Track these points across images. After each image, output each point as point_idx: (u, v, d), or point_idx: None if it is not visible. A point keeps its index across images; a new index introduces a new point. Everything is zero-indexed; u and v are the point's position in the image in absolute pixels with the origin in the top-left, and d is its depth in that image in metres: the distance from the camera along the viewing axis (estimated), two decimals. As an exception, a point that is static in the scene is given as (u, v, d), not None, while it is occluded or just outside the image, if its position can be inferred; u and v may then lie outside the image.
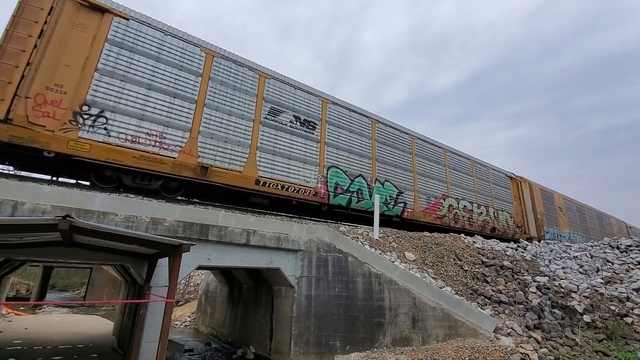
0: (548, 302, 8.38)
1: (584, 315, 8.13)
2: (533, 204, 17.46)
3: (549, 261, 11.46)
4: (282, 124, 9.40)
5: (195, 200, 8.77)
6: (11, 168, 7.13)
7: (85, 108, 6.67)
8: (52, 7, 6.62)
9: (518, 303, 8.30)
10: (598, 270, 10.59)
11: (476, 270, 9.49)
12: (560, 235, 18.05)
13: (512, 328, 7.39)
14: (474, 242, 11.70)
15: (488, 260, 10.19)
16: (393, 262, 8.09)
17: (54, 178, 7.34)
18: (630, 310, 8.29)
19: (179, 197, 8.18)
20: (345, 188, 10.27)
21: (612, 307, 8.47)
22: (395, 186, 11.76)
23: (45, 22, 6.51)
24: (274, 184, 8.74)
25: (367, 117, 11.75)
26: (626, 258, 11.05)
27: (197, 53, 8.40)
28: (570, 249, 12.72)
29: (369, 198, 10.71)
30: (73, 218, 3.91)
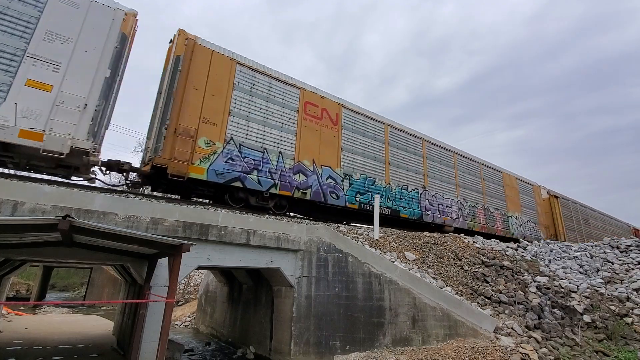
0: (548, 302, 8.37)
1: (584, 315, 8.13)
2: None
3: (549, 261, 11.45)
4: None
5: (195, 200, 8.77)
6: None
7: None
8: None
9: (518, 303, 8.29)
10: (598, 270, 10.58)
11: (476, 270, 9.48)
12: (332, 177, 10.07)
13: (512, 328, 7.39)
14: (474, 242, 11.71)
15: (488, 260, 10.18)
16: (393, 262, 8.08)
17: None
18: (630, 310, 8.28)
19: (179, 197, 8.19)
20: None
21: (612, 307, 8.46)
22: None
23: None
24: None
25: None
26: (626, 258, 11.05)
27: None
28: (570, 249, 12.72)
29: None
30: (73, 218, 3.91)
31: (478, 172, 15.60)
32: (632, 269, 10.27)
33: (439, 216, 12.87)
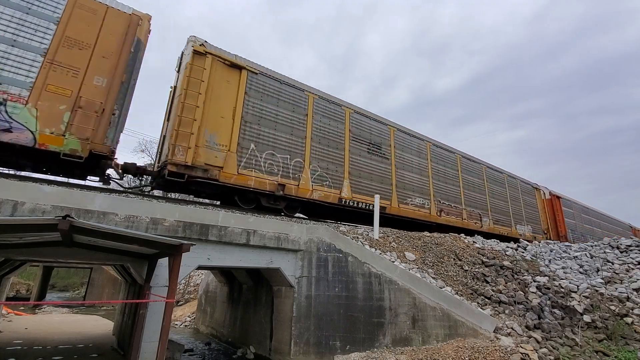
0: (548, 302, 8.37)
1: (584, 315, 8.12)
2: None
3: (549, 261, 11.45)
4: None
5: (196, 200, 8.77)
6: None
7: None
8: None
9: (518, 303, 8.29)
10: (598, 270, 10.58)
11: (476, 270, 9.48)
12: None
13: (512, 328, 7.39)
14: (474, 242, 11.70)
15: (488, 260, 10.18)
16: (393, 262, 8.08)
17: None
18: (630, 310, 8.28)
19: (179, 197, 8.19)
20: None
21: (612, 307, 8.46)
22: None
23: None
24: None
25: None
26: (626, 258, 11.04)
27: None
28: (571, 249, 12.72)
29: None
30: (73, 218, 3.91)
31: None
32: (632, 269, 10.26)
33: None
